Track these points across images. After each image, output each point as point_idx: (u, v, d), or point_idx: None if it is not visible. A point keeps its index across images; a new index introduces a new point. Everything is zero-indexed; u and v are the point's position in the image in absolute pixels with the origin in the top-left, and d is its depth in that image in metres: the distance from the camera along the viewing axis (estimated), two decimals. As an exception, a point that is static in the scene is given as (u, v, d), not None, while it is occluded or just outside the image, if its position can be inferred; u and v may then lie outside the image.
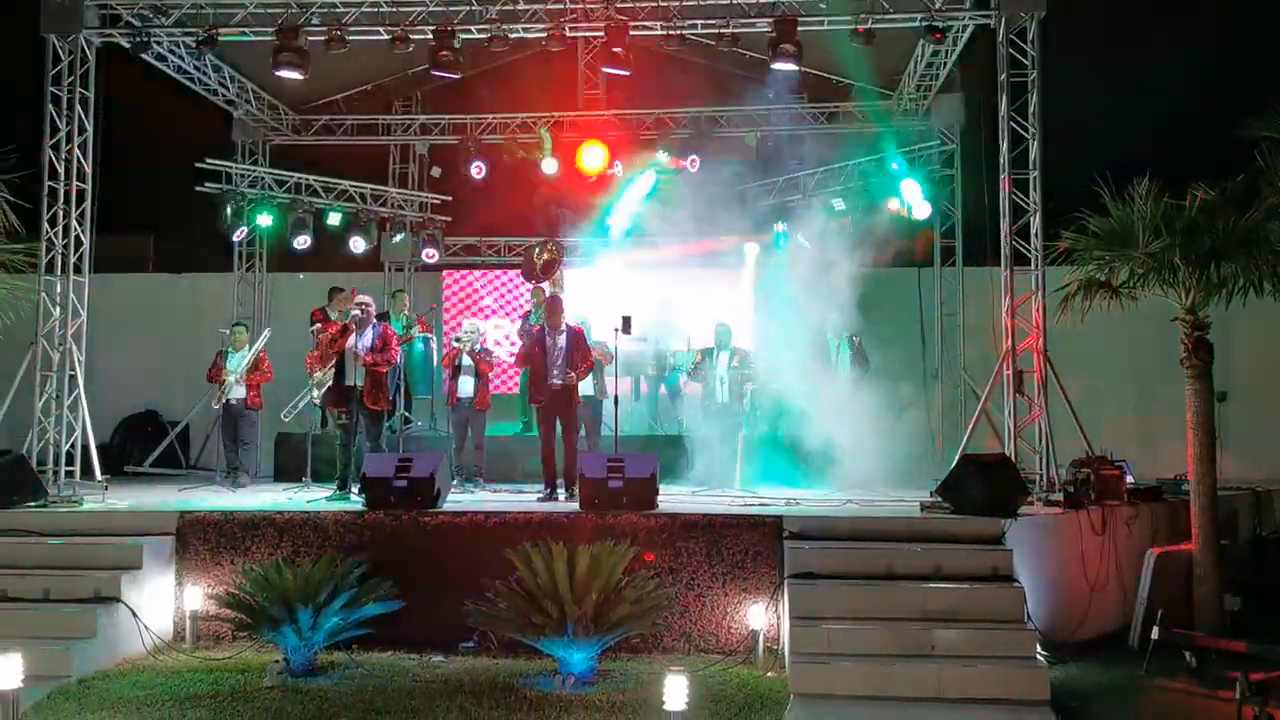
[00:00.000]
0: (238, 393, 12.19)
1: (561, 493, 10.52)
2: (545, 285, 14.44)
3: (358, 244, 15.17)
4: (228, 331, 12.56)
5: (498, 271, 16.29)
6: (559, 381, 10.64)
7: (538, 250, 14.78)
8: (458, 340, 12.39)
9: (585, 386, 11.35)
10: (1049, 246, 10.09)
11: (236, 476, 12.21)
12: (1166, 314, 9.27)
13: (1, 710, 6.34)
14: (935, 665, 7.49)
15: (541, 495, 10.62)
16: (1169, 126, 14.53)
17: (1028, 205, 10.49)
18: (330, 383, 10.96)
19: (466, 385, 12.18)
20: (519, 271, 15.37)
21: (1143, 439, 13.44)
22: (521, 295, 15.44)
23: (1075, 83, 13.95)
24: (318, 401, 11.89)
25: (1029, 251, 10.49)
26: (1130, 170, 9.09)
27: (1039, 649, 7.70)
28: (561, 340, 10.73)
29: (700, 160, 14.36)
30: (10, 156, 10.09)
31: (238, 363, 12.21)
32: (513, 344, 13.71)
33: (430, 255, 15.83)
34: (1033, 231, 10.46)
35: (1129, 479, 10.22)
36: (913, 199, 13.34)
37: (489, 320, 15.66)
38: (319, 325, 12.63)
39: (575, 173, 14.35)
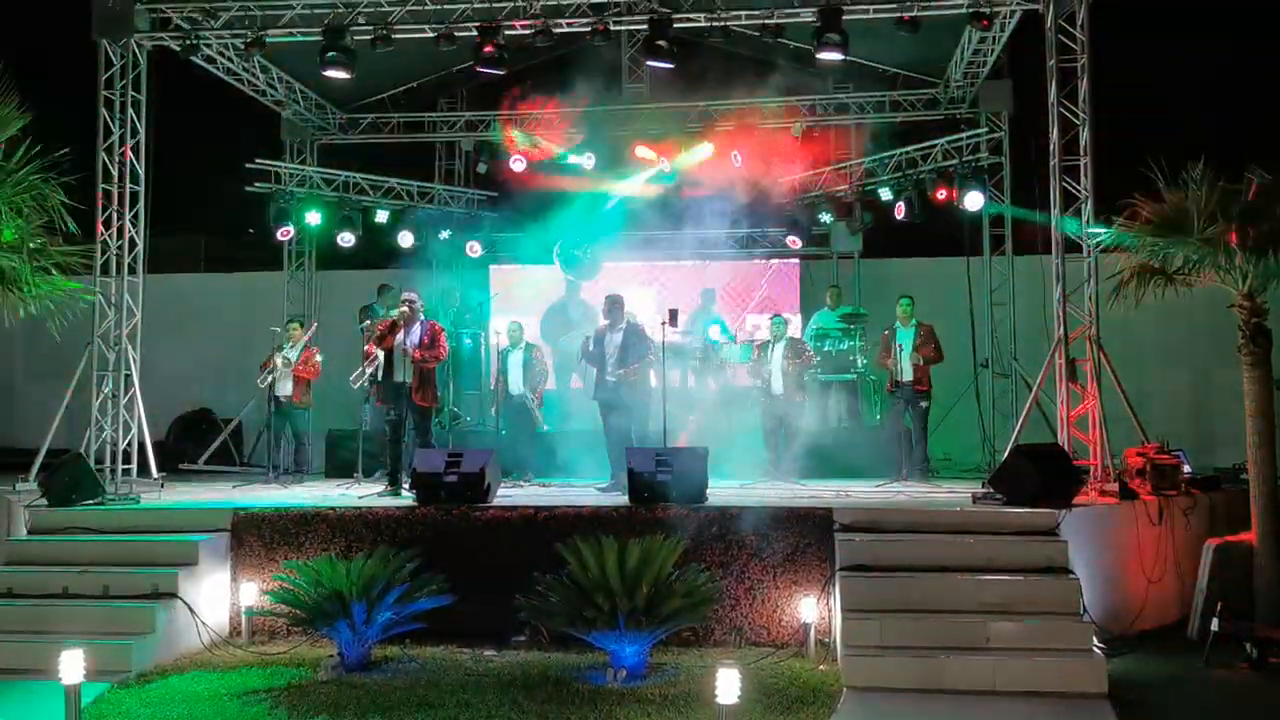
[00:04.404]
0: (285, 388, 12.26)
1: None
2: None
3: (405, 240, 15.23)
4: (279, 330, 12.65)
5: (545, 266, 16.31)
6: (612, 379, 10.84)
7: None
8: (510, 335, 12.50)
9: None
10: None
11: (300, 477, 12.33)
12: (1222, 300, 9.11)
13: (65, 705, 6.45)
14: (990, 658, 7.43)
15: (606, 486, 10.84)
16: (1224, 109, 14.29)
17: (1079, 192, 10.36)
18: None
19: (516, 380, 12.26)
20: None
21: (1199, 427, 13.24)
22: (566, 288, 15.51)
23: (1127, 66, 13.72)
24: (370, 392, 11.89)
25: (1081, 239, 10.36)
26: (1184, 154, 8.93)
27: (1095, 641, 7.61)
28: (618, 338, 10.88)
29: (744, 152, 14.38)
30: (65, 160, 10.25)
31: (290, 355, 12.30)
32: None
33: (477, 251, 15.85)
34: (1084, 219, 10.32)
35: (1186, 468, 10.05)
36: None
37: (539, 315, 15.68)
38: (368, 323, 12.71)
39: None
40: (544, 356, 13.26)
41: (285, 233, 14.57)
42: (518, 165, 14.92)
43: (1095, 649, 7.53)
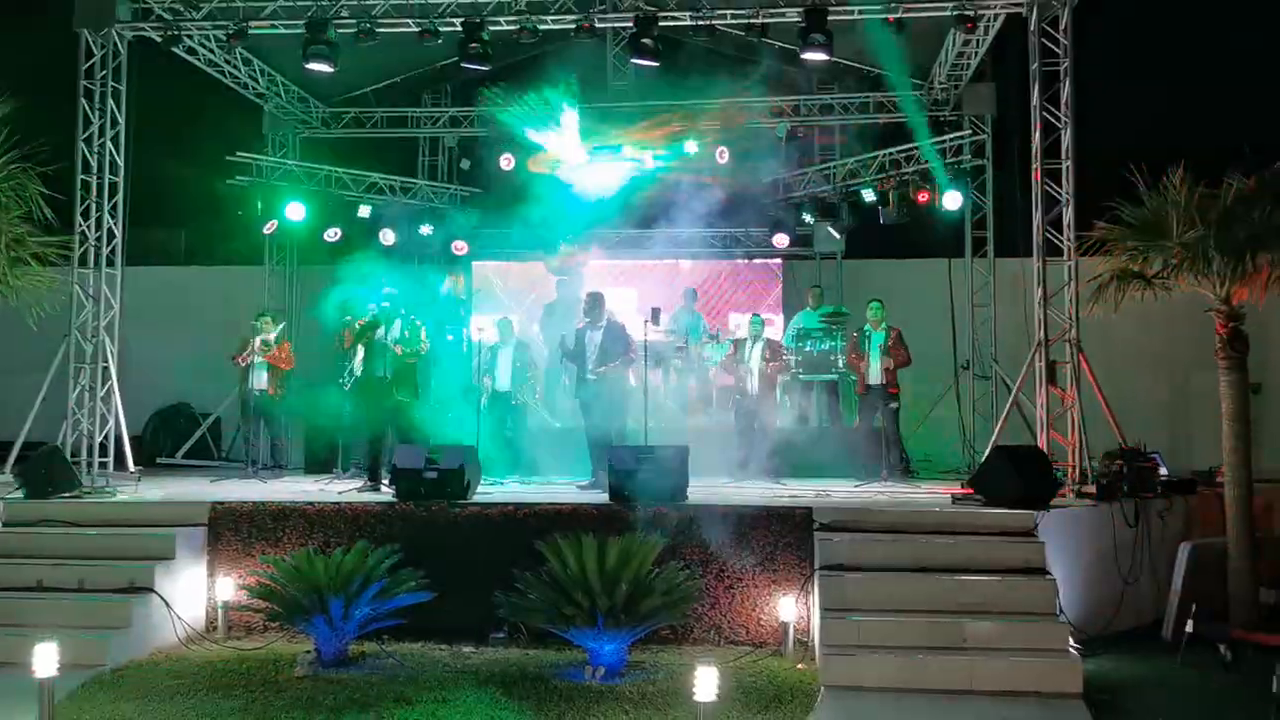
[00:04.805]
0: (260, 380, 12.15)
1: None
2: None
3: (387, 236, 15.16)
4: (256, 323, 12.59)
5: (527, 263, 16.28)
6: (593, 377, 10.83)
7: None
8: (500, 331, 12.49)
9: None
10: (1082, 237, 10.00)
11: (278, 471, 12.23)
12: (1201, 305, 9.17)
13: (38, 698, 6.40)
14: (967, 658, 7.46)
15: (586, 483, 10.78)
16: (1204, 115, 14.37)
17: (1060, 195, 10.41)
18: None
19: (503, 377, 12.25)
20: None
21: (1176, 431, 13.31)
22: (549, 286, 15.47)
23: (1109, 70, 13.79)
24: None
25: (1062, 242, 10.41)
26: (1165, 159, 8.99)
27: (1072, 641, 7.65)
28: (598, 336, 10.88)
29: (728, 151, 14.41)
30: (43, 150, 10.19)
31: (268, 339, 12.23)
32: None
33: (460, 248, 15.78)
34: (1065, 222, 10.38)
35: (1162, 471, 10.11)
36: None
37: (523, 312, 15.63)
38: (349, 318, 12.64)
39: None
40: (534, 355, 13.22)
41: (270, 226, 14.47)
42: (506, 164, 14.87)
43: (1071, 649, 7.57)
